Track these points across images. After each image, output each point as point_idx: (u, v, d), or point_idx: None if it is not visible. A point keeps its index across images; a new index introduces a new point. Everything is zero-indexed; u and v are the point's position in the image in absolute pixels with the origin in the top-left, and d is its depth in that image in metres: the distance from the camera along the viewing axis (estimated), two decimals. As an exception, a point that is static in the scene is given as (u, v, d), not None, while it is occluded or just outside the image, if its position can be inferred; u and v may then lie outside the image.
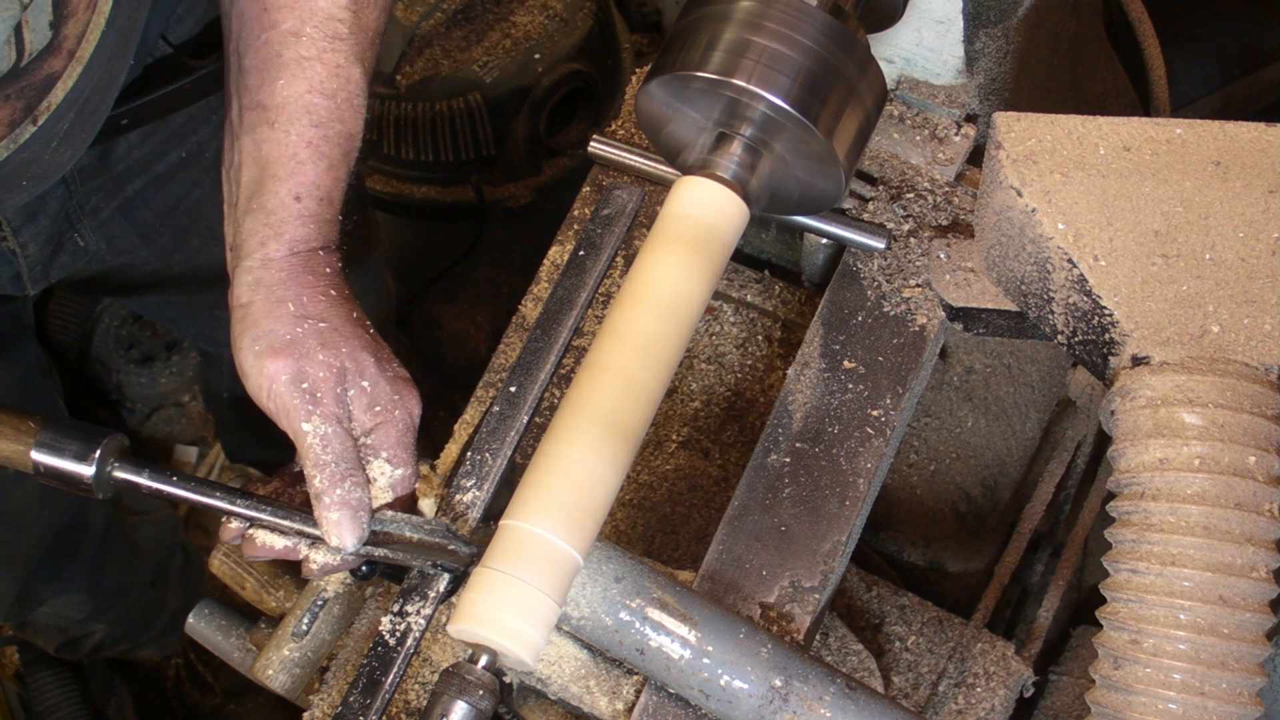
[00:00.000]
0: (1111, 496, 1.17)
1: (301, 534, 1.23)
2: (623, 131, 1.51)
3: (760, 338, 1.58)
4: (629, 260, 1.42)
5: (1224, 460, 1.10)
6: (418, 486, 1.27)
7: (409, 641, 1.20)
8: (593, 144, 1.47)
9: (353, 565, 1.25)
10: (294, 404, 1.19)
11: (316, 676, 1.45)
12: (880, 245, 1.37)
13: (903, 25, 1.39)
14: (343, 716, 1.18)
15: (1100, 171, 1.18)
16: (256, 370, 1.21)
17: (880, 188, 1.42)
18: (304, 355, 1.20)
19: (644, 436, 1.17)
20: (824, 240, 1.41)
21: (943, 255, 1.36)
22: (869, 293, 1.37)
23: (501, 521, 1.12)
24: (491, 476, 1.26)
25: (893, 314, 1.36)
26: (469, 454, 1.28)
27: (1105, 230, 1.17)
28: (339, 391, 1.22)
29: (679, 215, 1.22)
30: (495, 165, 2.83)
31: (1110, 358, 1.19)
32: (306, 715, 1.40)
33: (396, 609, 1.21)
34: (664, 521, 1.48)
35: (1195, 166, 1.18)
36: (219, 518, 1.26)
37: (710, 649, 1.15)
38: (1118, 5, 2.13)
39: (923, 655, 1.65)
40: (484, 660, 1.10)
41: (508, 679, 1.29)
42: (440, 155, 2.79)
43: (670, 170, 1.41)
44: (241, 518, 1.24)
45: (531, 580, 1.08)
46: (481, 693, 1.08)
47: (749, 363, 1.57)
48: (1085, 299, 1.18)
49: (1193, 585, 1.08)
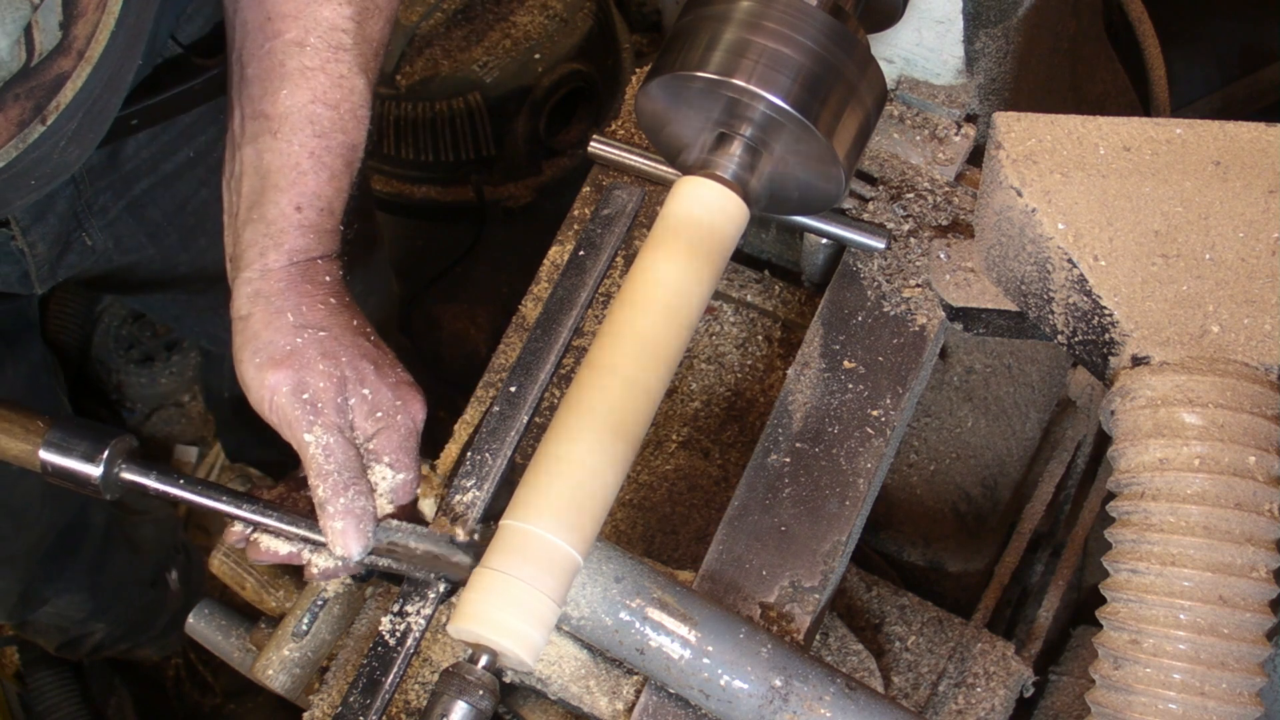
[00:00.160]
0: (1111, 496, 1.17)
1: (305, 540, 1.23)
2: (623, 131, 1.51)
3: (760, 338, 1.58)
4: (629, 260, 1.42)
5: (1224, 460, 1.10)
6: (419, 487, 1.27)
7: (409, 641, 1.20)
8: (593, 144, 1.47)
9: (355, 571, 1.25)
10: (295, 415, 1.20)
11: (316, 676, 1.45)
12: (880, 245, 1.37)
13: (903, 25, 1.39)
14: (343, 716, 1.18)
15: (1100, 171, 1.18)
16: (258, 382, 1.21)
17: (880, 188, 1.42)
18: (304, 366, 1.21)
19: (644, 436, 1.17)
20: (824, 240, 1.41)
21: (943, 255, 1.36)
22: (869, 293, 1.37)
23: (501, 521, 1.12)
24: (491, 476, 1.26)
25: (893, 314, 1.36)
26: (469, 454, 1.28)
27: (1105, 230, 1.17)
28: (340, 401, 1.22)
29: (679, 215, 1.22)
30: (495, 165, 2.83)
31: (1110, 358, 1.19)
32: (306, 715, 1.40)
33: (396, 609, 1.21)
34: (664, 521, 1.48)
35: (1195, 166, 1.18)
36: (222, 519, 1.26)
37: (710, 649, 1.15)
38: (1118, 5, 2.13)
39: (923, 655, 1.65)
40: (484, 660, 1.10)
41: (508, 679, 1.29)
42: (440, 155, 2.79)
43: (670, 170, 1.41)
44: (246, 522, 1.24)
45: (531, 580, 1.08)
46: (481, 693, 1.08)
47: (749, 363, 1.57)
48: (1085, 299, 1.18)
49: (1193, 585, 1.08)
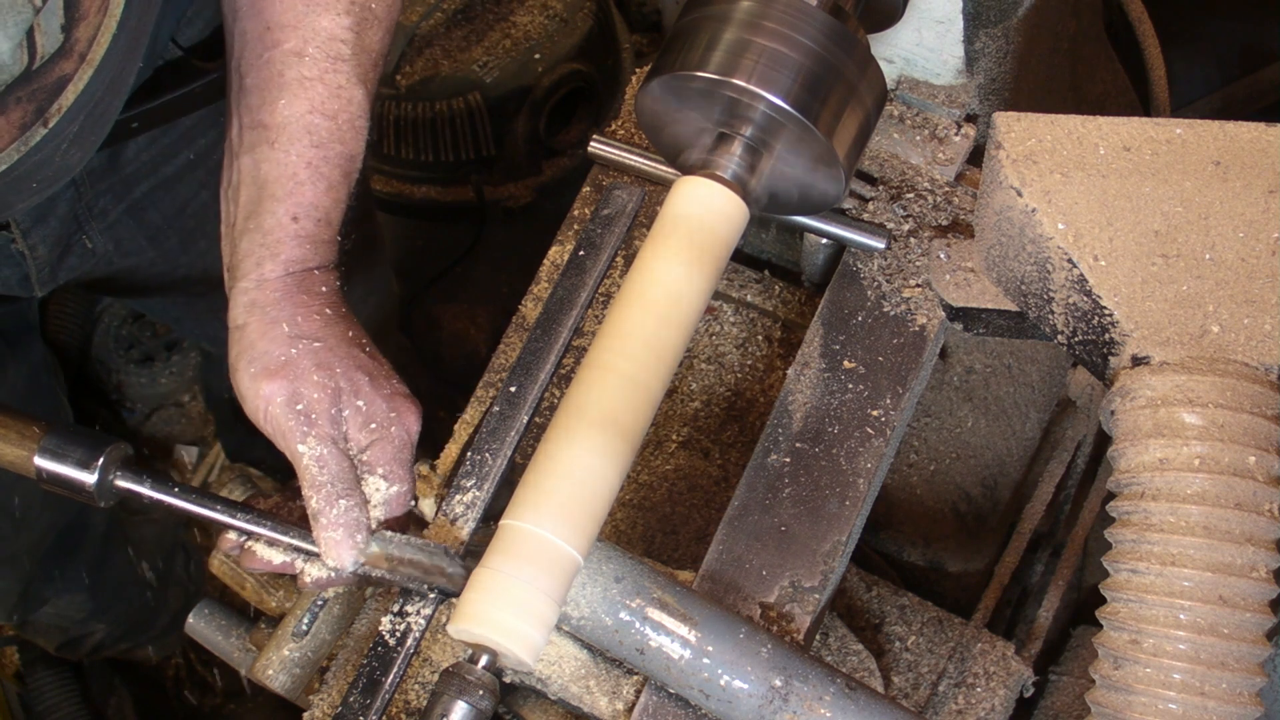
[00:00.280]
0: (1111, 496, 1.17)
1: (299, 550, 1.23)
2: (623, 131, 1.51)
3: (760, 338, 1.58)
4: (629, 260, 1.42)
5: (1224, 460, 1.10)
6: (418, 486, 1.27)
7: (409, 641, 1.20)
8: (593, 144, 1.47)
9: (349, 582, 1.25)
10: (289, 425, 1.20)
11: (316, 676, 1.45)
12: (880, 245, 1.37)
13: (903, 25, 1.39)
14: (343, 716, 1.18)
15: (1100, 171, 1.18)
16: (252, 392, 1.21)
17: (880, 188, 1.42)
18: (299, 376, 1.20)
19: (644, 436, 1.17)
20: (824, 240, 1.41)
21: (943, 255, 1.36)
22: (869, 293, 1.37)
23: (501, 521, 1.12)
24: (491, 476, 1.26)
25: (893, 314, 1.36)
26: (469, 454, 1.28)
27: (1105, 230, 1.17)
28: (334, 412, 1.21)
29: (679, 215, 1.22)
30: (495, 165, 2.83)
31: (1110, 358, 1.19)
32: (306, 715, 1.40)
33: (396, 609, 1.21)
34: (664, 521, 1.48)
35: (1195, 166, 1.18)
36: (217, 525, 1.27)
37: (710, 649, 1.15)
38: (1118, 5, 2.13)
39: (923, 655, 1.65)
40: (484, 660, 1.10)
41: (508, 679, 1.29)
42: (440, 155, 2.79)
43: (670, 170, 1.41)
44: (240, 531, 1.24)
45: (531, 580, 1.08)
46: (481, 693, 1.08)
47: (749, 363, 1.57)
48: (1085, 299, 1.18)
49: (1193, 585, 1.08)
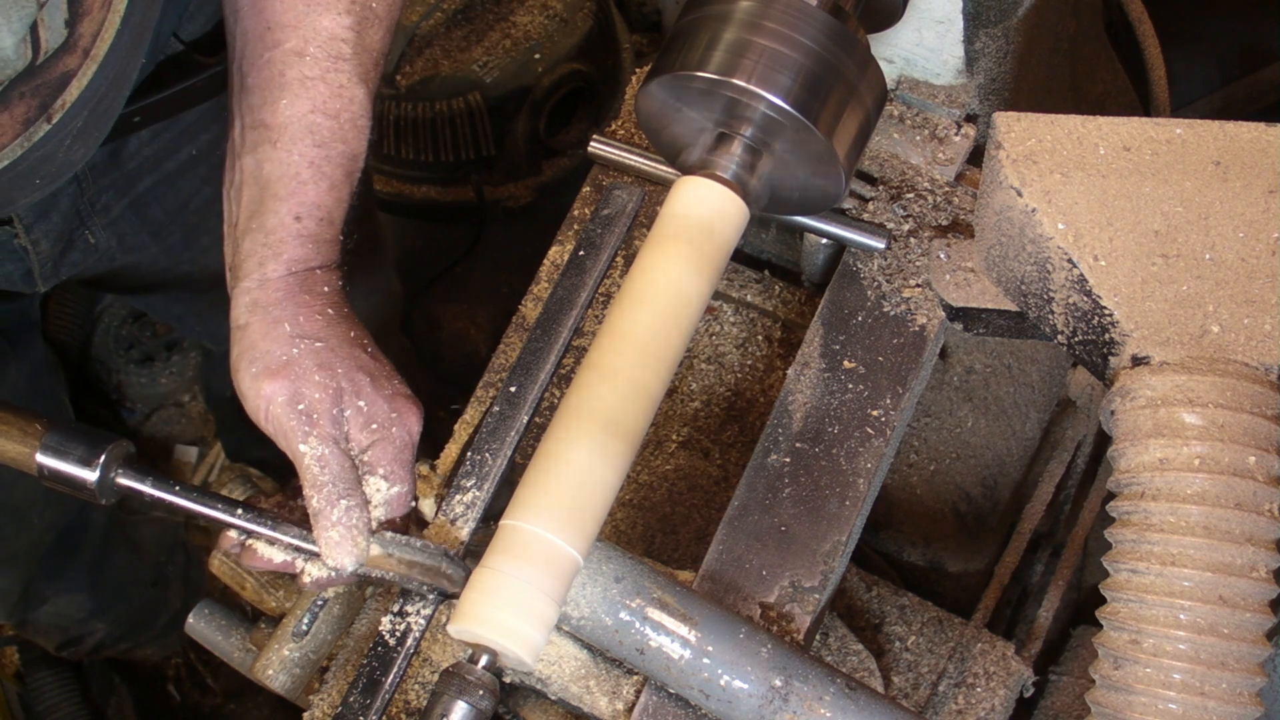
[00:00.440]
0: (1111, 496, 1.17)
1: (299, 550, 1.23)
2: (623, 131, 1.51)
3: (760, 338, 1.58)
4: (629, 260, 1.42)
5: (1224, 460, 1.10)
6: (418, 486, 1.27)
7: (409, 641, 1.20)
8: (593, 144, 1.47)
9: (349, 582, 1.25)
10: (291, 425, 1.20)
11: (316, 676, 1.45)
12: (880, 245, 1.37)
13: (903, 25, 1.39)
14: (343, 716, 1.18)
15: (1100, 171, 1.18)
16: (254, 392, 1.21)
17: (880, 188, 1.42)
18: (300, 376, 1.20)
19: (644, 436, 1.17)
20: (824, 240, 1.41)
21: (943, 255, 1.36)
22: (869, 293, 1.37)
23: (501, 521, 1.12)
24: (491, 476, 1.26)
25: (893, 314, 1.36)
26: (469, 454, 1.28)
27: (1105, 230, 1.17)
28: (335, 412, 1.21)
29: (679, 215, 1.22)
30: (495, 165, 2.83)
31: (1110, 358, 1.19)
32: (306, 715, 1.40)
33: (396, 609, 1.21)
34: (664, 521, 1.48)
35: (1195, 166, 1.18)
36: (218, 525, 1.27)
37: (710, 649, 1.15)
38: (1118, 5, 2.13)
39: (923, 655, 1.65)
40: (484, 660, 1.10)
41: (508, 679, 1.29)
42: (440, 155, 2.79)
43: (670, 170, 1.41)
44: (241, 530, 1.24)
45: (531, 580, 1.08)
46: (481, 693, 1.08)
47: (749, 363, 1.57)
48: (1085, 299, 1.18)
49: (1193, 585, 1.08)
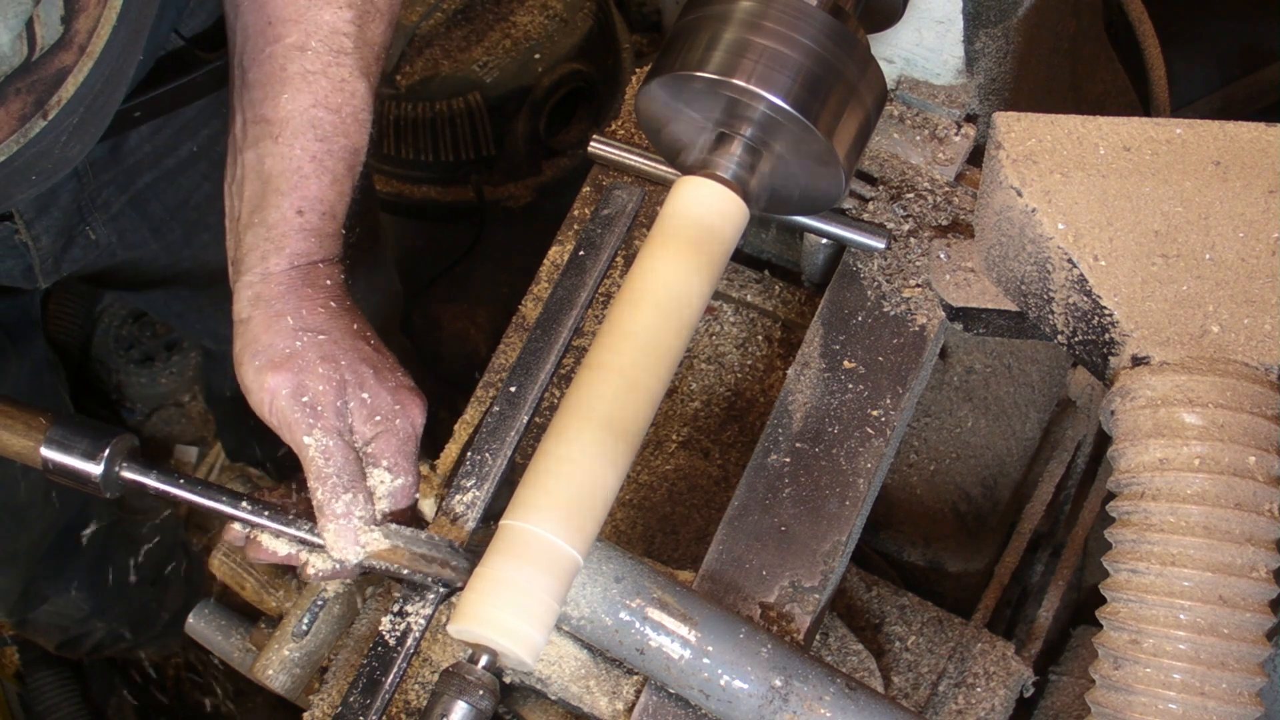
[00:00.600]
0: (1111, 496, 1.17)
1: (303, 542, 1.23)
2: (623, 131, 1.51)
3: (760, 338, 1.58)
4: (629, 260, 1.42)
5: (1224, 460, 1.10)
6: (419, 486, 1.27)
7: (409, 641, 1.20)
8: (593, 144, 1.47)
9: (353, 574, 1.25)
10: (295, 418, 1.20)
11: (316, 676, 1.46)
12: (880, 245, 1.37)
13: (903, 25, 1.39)
14: (343, 716, 1.18)
15: (1100, 171, 1.18)
16: (257, 385, 1.21)
17: (880, 188, 1.42)
18: (304, 369, 1.21)
19: (644, 436, 1.17)
20: (824, 240, 1.41)
21: (943, 255, 1.36)
22: (869, 293, 1.37)
23: (501, 521, 1.12)
24: (491, 476, 1.26)
25: (893, 314, 1.36)
26: (469, 454, 1.28)
27: (1105, 230, 1.17)
28: (339, 404, 1.22)
29: (679, 215, 1.22)
30: (495, 165, 2.83)
31: (1110, 358, 1.19)
32: (306, 715, 1.40)
33: (396, 609, 1.21)
34: (664, 521, 1.48)
35: (1195, 166, 1.18)
36: (222, 519, 1.27)
37: (710, 649, 1.15)
38: (1118, 5, 2.13)
39: (923, 655, 1.65)
40: (484, 660, 1.10)
41: (508, 679, 1.29)
42: (440, 155, 2.79)
43: (670, 170, 1.41)
44: (245, 523, 1.24)
45: (531, 580, 1.08)
46: (481, 693, 1.08)
47: (749, 363, 1.57)
48: (1085, 299, 1.18)
49: (1193, 585, 1.08)
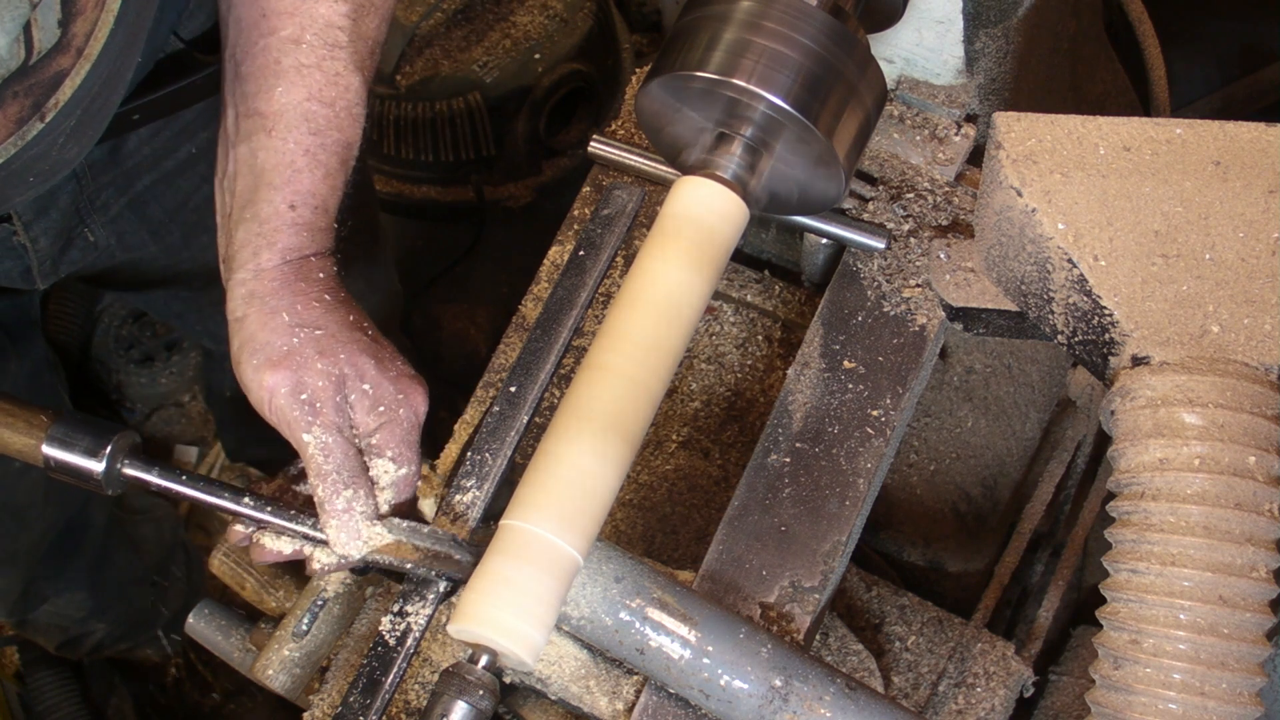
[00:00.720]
0: (1111, 496, 1.17)
1: (306, 538, 1.23)
2: (623, 131, 1.51)
3: (760, 338, 1.58)
4: (629, 260, 1.42)
5: (1224, 460, 1.10)
6: (419, 487, 1.27)
7: (409, 641, 1.20)
8: (593, 144, 1.47)
9: (357, 565, 1.26)
10: (294, 415, 1.20)
11: (316, 676, 1.46)
12: (880, 245, 1.37)
13: (903, 25, 1.39)
14: (343, 716, 1.18)
15: (1100, 171, 1.18)
16: (256, 384, 1.21)
17: (880, 188, 1.42)
18: (302, 365, 1.20)
19: (644, 436, 1.17)
20: (824, 240, 1.41)
21: (943, 255, 1.36)
22: (869, 293, 1.37)
23: (501, 521, 1.12)
24: (491, 476, 1.26)
25: (893, 314, 1.36)
26: (469, 454, 1.28)
27: (1105, 230, 1.17)
28: (339, 400, 1.21)
29: (679, 215, 1.22)
30: (495, 165, 2.83)
31: (1110, 358, 1.19)
32: (306, 715, 1.40)
33: (396, 609, 1.21)
34: (664, 521, 1.48)
35: (1195, 166, 1.18)
36: (220, 517, 1.27)
37: (710, 649, 1.15)
38: (1118, 5, 2.13)
39: (923, 655, 1.65)
40: (484, 660, 1.10)
41: (508, 679, 1.29)
42: (440, 155, 2.79)
43: (670, 170, 1.41)
44: (247, 519, 1.24)
45: (531, 580, 1.08)
46: (481, 693, 1.08)
47: (749, 363, 1.57)
48: (1085, 299, 1.18)
49: (1193, 585, 1.08)
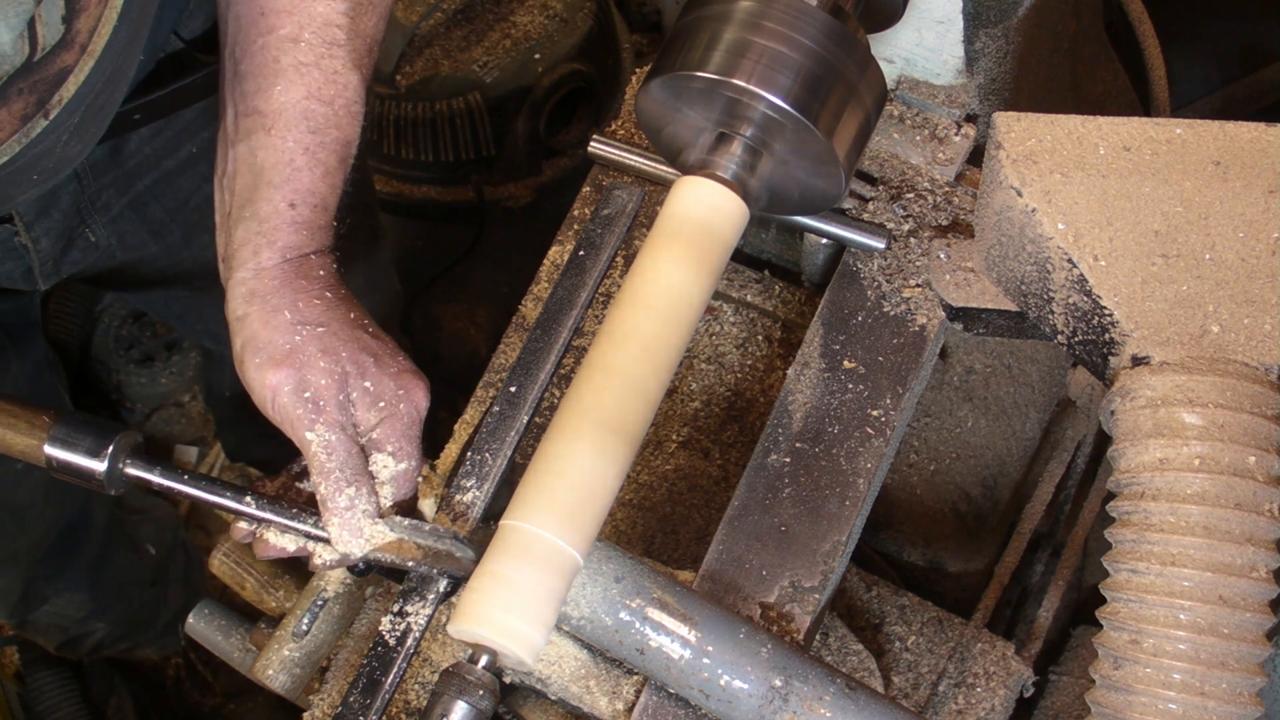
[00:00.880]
0: (1111, 496, 1.17)
1: (308, 536, 1.23)
2: (623, 131, 1.51)
3: (760, 338, 1.58)
4: (629, 260, 1.42)
5: (1224, 460, 1.10)
6: (419, 487, 1.27)
7: (409, 641, 1.20)
8: (593, 144, 1.47)
9: (358, 563, 1.26)
10: (298, 414, 1.20)
11: (316, 676, 1.46)
12: (880, 245, 1.37)
13: (903, 25, 1.39)
14: (343, 716, 1.18)
15: (1100, 171, 1.18)
16: (259, 383, 1.21)
17: (880, 188, 1.42)
18: (305, 364, 1.21)
19: (644, 436, 1.17)
20: (824, 240, 1.41)
21: (943, 255, 1.36)
22: (869, 293, 1.37)
23: (502, 521, 1.12)
24: (491, 476, 1.26)
25: (893, 314, 1.36)
26: (469, 454, 1.28)
27: (1105, 230, 1.17)
28: (341, 398, 1.22)
29: (679, 215, 1.22)
30: (495, 165, 2.83)
31: (1110, 358, 1.19)
32: (306, 715, 1.40)
33: (396, 609, 1.21)
34: (664, 521, 1.48)
35: (1195, 166, 1.18)
36: (221, 517, 1.27)
37: (710, 649, 1.15)
38: (1118, 5, 2.13)
39: (923, 655, 1.65)
40: (484, 660, 1.10)
41: (508, 679, 1.29)
42: (440, 155, 2.79)
43: (670, 170, 1.41)
44: (250, 518, 1.25)
45: (531, 580, 1.08)
46: (481, 693, 1.08)
47: (749, 363, 1.57)
48: (1085, 299, 1.18)
49: (1193, 585, 1.08)
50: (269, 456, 2.75)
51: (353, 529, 1.20)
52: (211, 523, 3.07)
